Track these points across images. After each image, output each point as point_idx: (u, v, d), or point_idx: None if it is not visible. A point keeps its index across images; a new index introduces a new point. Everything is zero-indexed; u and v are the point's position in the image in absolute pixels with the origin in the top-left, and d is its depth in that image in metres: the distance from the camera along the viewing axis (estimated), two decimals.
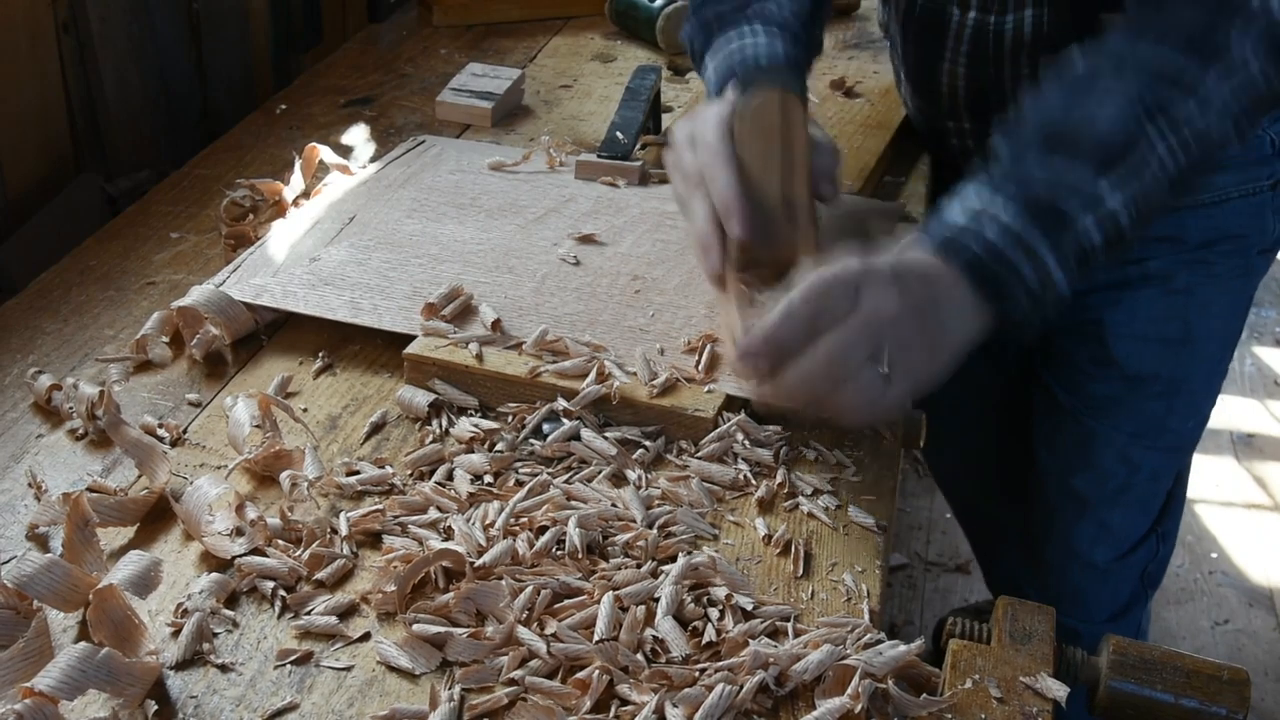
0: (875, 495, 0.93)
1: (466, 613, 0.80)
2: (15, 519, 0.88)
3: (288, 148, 1.39)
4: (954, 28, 1.23)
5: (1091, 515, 1.47)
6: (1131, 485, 1.45)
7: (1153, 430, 1.42)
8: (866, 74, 1.63)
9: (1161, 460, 1.45)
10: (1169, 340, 1.36)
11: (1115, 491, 1.46)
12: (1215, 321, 1.38)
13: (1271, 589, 2.46)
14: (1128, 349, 1.37)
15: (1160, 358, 1.37)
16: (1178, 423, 1.43)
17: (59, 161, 1.38)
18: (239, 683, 0.76)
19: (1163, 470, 1.47)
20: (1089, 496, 1.46)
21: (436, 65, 1.69)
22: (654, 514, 0.88)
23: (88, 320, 1.12)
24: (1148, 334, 1.36)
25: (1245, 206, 1.31)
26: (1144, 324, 1.35)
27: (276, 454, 0.92)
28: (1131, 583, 1.52)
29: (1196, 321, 1.36)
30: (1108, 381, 1.40)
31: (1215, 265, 1.33)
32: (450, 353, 1.01)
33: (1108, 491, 1.46)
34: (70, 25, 1.36)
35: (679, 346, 1.03)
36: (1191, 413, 1.44)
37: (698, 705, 0.72)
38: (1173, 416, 1.42)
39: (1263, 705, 2.18)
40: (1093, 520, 1.47)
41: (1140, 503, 1.48)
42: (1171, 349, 1.37)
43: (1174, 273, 1.33)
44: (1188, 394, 1.42)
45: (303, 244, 1.17)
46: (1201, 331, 1.37)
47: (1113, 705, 0.77)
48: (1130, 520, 1.49)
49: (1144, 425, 1.41)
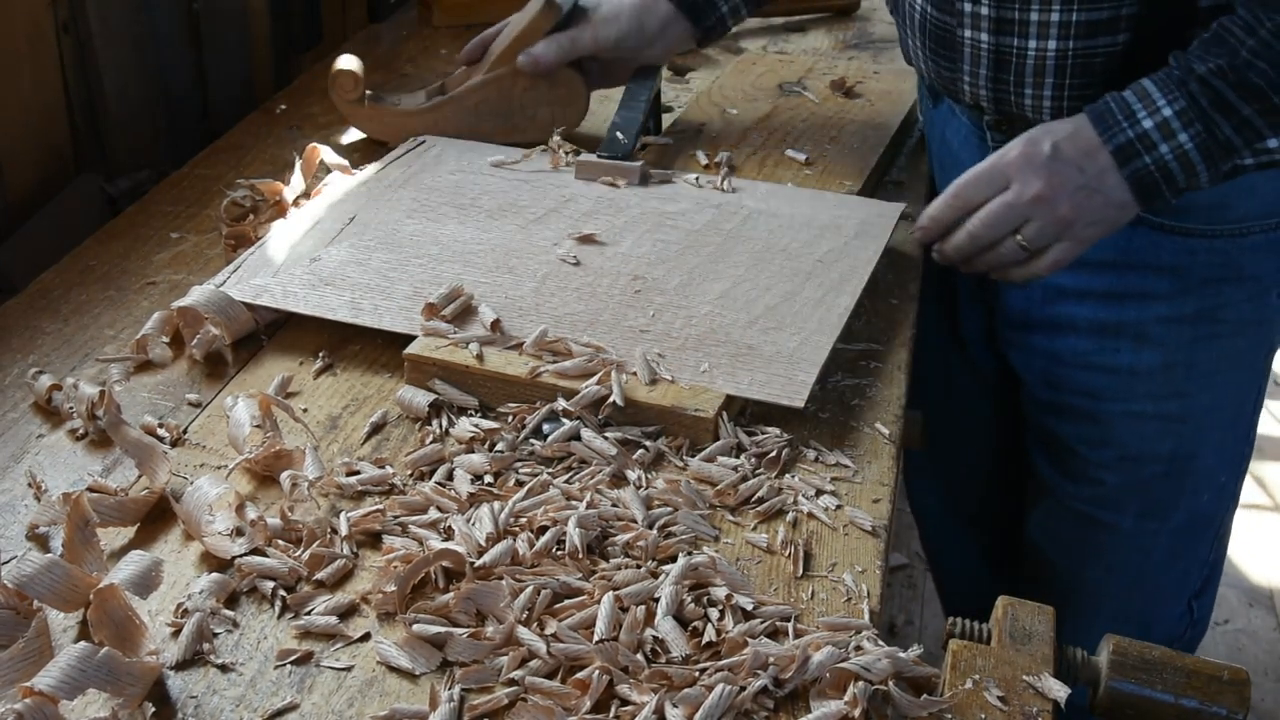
0: (875, 495, 0.93)
1: (466, 613, 0.80)
2: (15, 519, 0.88)
3: (288, 148, 1.39)
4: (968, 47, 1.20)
5: (1103, 597, 1.38)
6: (1147, 572, 1.36)
7: (1159, 513, 1.33)
8: (866, 74, 1.63)
9: (1178, 540, 1.36)
10: (1168, 418, 1.27)
11: (1132, 582, 1.37)
12: (1223, 390, 1.27)
13: (1271, 589, 2.46)
14: (1125, 427, 1.28)
15: (1160, 435, 1.28)
16: (1189, 501, 1.33)
17: (59, 161, 1.38)
18: (239, 683, 0.76)
19: (1182, 549, 1.37)
20: (1100, 589, 1.37)
21: (436, 65, 1.69)
22: (654, 514, 0.88)
23: (88, 320, 1.12)
24: (1145, 411, 1.27)
25: (1265, 243, 1.19)
26: (1142, 401, 1.27)
27: (276, 454, 0.92)
28: None
29: (1198, 394, 1.26)
30: (1102, 462, 1.31)
31: (1223, 314, 1.22)
32: (450, 353, 1.01)
33: (1124, 584, 1.37)
34: (70, 25, 1.36)
35: (679, 346, 1.03)
36: (1206, 487, 1.33)
37: (698, 705, 0.72)
38: (1184, 496, 1.32)
39: (1263, 705, 2.18)
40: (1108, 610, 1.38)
41: (1163, 587, 1.39)
42: (1172, 426, 1.28)
43: (1168, 339, 1.23)
44: (1198, 470, 1.31)
45: (303, 244, 1.17)
46: (1204, 404, 1.27)
47: (1113, 705, 0.77)
48: (1156, 603, 1.40)
49: (1150, 506, 1.32)
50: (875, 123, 1.50)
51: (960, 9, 1.18)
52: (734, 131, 1.48)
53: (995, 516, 1.57)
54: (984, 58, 1.18)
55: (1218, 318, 1.23)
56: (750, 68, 1.67)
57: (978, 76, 1.20)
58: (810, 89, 1.59)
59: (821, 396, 1.02)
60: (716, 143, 1.44)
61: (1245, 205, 1.17)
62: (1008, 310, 1.33)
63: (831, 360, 1.04)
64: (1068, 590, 1.39)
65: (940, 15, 1.21)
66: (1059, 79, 1.14)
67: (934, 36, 1.23)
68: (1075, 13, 1.11)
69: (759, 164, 1.40)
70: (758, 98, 1.57)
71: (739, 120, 1.51)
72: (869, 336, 1.11)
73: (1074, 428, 1.32)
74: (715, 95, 1.58)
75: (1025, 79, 1.17)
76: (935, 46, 1.23)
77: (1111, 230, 1.11)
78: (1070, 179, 1.06)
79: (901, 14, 1.29)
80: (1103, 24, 1.10)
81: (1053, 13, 1.11)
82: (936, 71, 1.26)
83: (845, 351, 1.08)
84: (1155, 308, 1.22)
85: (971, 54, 1.19)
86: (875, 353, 1.09)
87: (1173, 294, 1.21)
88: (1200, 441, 1.30)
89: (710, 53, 1.76)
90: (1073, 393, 1.29)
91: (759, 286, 1.11)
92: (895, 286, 1.20)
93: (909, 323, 1.15)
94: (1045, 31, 1.13)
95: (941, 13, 1.21)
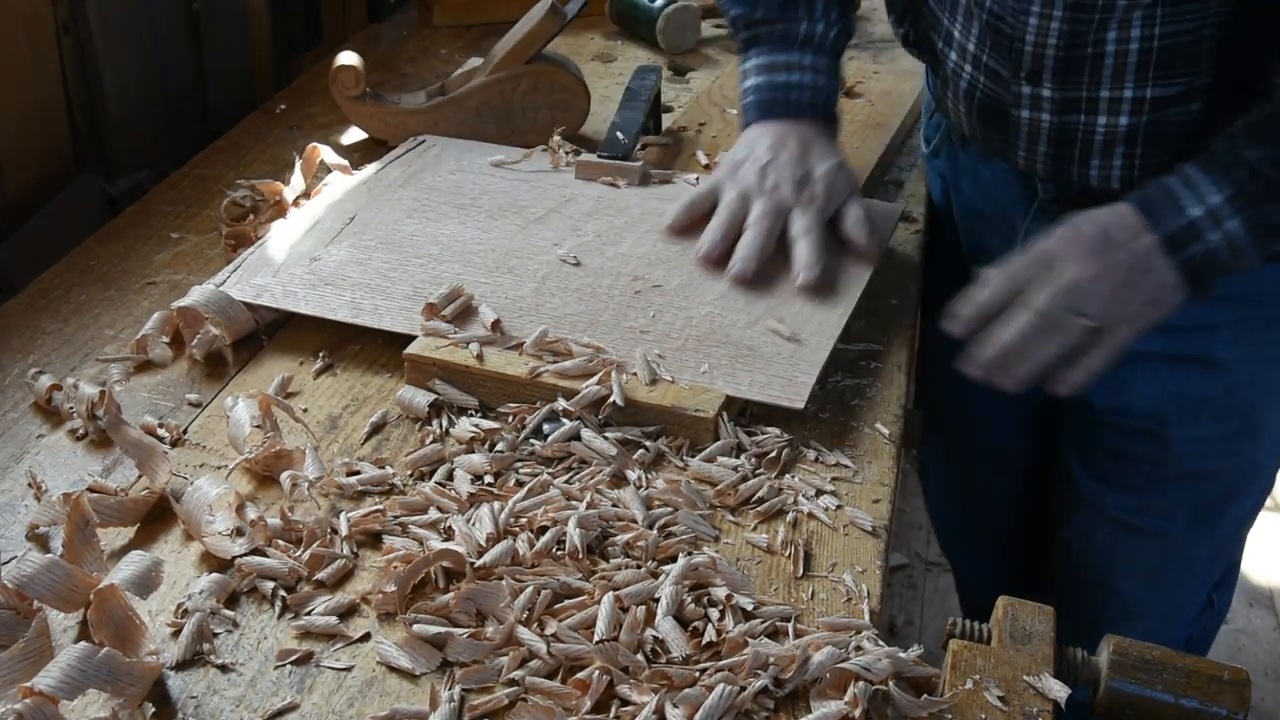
0: (875, 495, 0.93)
1: (466, 613, 0.80)
2: (15, 519, 0.88)
3: (288, 148, 1.39)
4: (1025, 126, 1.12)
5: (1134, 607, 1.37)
6: (1185, 582, 1.37)
7: (1210, 519, 1.32)
8: (866, 74, 1.63)
9: (1219, 546, 1.36)
10: (1233, 437, 1.26)
11: (1174, 586, 1.36)
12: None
13: (1271, 589, 2.46)
14: (1189, 448, 1.26)
15: (1223, 454, 1.27)
16: (1237, 509, 1.33)
17: (59, 161, 1.38)
18: (239, 683, 0.76)
19: (1220, 552, 1.38)
20: (1131, 594, 1.36)
21: (436, 65, 1.69)
22: (654, 514, 0.88)
23: (88, 320, 1.12)
24: (1210, 433, 1.25)
25: None
26: (1208, 424, 1.25)
27: (277, 454, 0.92)
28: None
29: (1263, 412, 1.25)
30: (1164, 481, 1.29)
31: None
32: (450, 353, 1.01)
33: (1164, 589, 1.36)
34: (70, 25, 1.36)
35: (679, 347, 1.03)
36: (1258, 493, 1.35)
37: (698, 705, 0.72)
38: (1232, 505, 1.32)
39: (1263, 705, 2.18)
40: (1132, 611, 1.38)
41: (1193, 588, 1.39)
42: (1234, 445, 1.26)
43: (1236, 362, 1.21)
44: (1256, 480, 1.32)
45: (303, 244, 1.17)
46: (1267, 420, 1.26)
47: (1113, 705, 0.77)
48: (1184, 604, 1.39)
49: (1199, 515, 1.31)
50: (875, 123, 1.50)
51: (1018, 91, 1.11)
52: (734, 131, 1.47)
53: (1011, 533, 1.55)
54: (1044, 134, 1.12)
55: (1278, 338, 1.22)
56: None
57: (1035, 152, 1.14)
58: None
59: (821, 396, 1.02)
60: (716, 143, 1.44)
61: None
62: None
63: (831, 360, 1.04)
64: (1095, 597, 1.38)
65: (994, 88, 1.13)
66: (1129, 149, 1.09)
67: (983, 107, 1.16)
68: (1149, 89, 1.05)
69: None
70: None
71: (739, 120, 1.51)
72: (869, 336, 1.11)
73: (1132, 444, 1.28)
74: (715, 95, 1.58)
75: (1092, 154, 1.11)
76: (986, 115, 1.16)
77: (1167, 313, 1.03)
78: (1122, 259, 1.00)
79: (939, 67, 1.22)
80: (1176, 97, 1.05)
81: (1125, 89, 1.06)
82: (983, 135, 1.20)
83: (845, 351, 1.08)
84: (1223, 334, 1.20)
85: (1030, 131, 1.13)
86: (875, 353, 1.09)
87: (1239, 320, 1.19)
88: (1263, 455, 1.30)
89: (710, 53, 1.76)
90: (1138, 417, 1.26)
91: (759, 287, 1.11)
92: (895, 286, 1.20)
93: (909, 323, 1.15)
94: (1116, 108, 1.07)
95: (996, 86, 1.13)
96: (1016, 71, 1.10)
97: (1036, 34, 1.06)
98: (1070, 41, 1.05)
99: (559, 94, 1.42)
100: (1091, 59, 1.06)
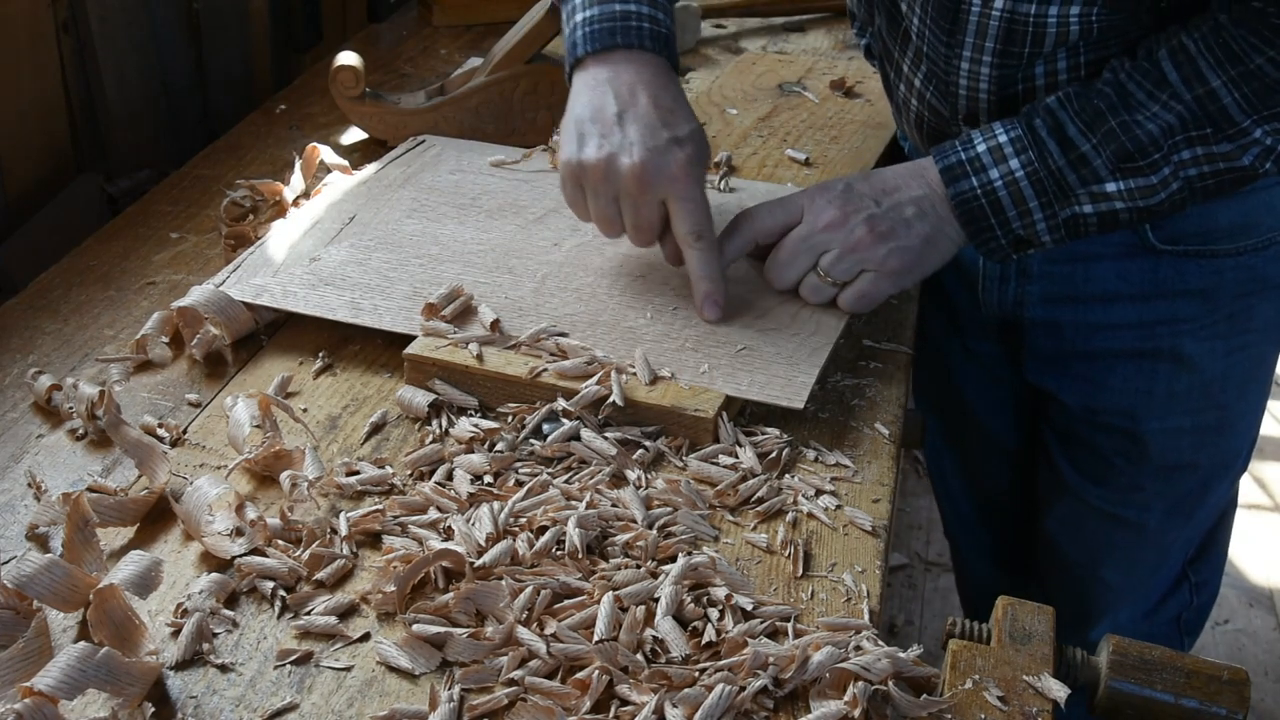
0: (875, 495, 0.93)
1: (466, 613, 0.80)
2: (15, 519, 0.88)
3: (288, 148, 1.40)
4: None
5: (1119, 594, 1.41)
6: (1164, 563, 1.40)
7: (1186, 510, 1.35)
8: (866, 74, 1.63)
9: (1196, 530, 1.39)
10: (1206, 429, 1.28)
11: (1147, 572, 1.40)
12: (1254, 394, 1.30)
13: (1271, 589, 2.46)
14: (1163, 442, 1.28)
15: (1198, 446, 1.29)
16: (1215, 496, 1.37)
17: (59, 161, 1.38)
18: (239, 683, 0.76)
19: (1195, 537, 1.40)
20: (1116, 582, 1.40)
21: (436, 65, 1.69)
22: (654, 514, 0.88)
23: (88, 320, 1.12)
24: (1183, 426, 1.27)
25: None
26: (1180, 417, 1.26)
27: (276, 454, 0.92)
28: (1164, 637, 1.40)
29: (1234, 404, 1.28)
30: (1139, 474, 1.31)
31: (1252, 324, 1.22)
32: (450, 353, 1.01)
33: (1138, 576, 1.40)
34: (70, 25, 1.36)
35: (679, 347, 1.03)
36: (1232, 481, 1.38)
37: (698, 705, 0.72)
38: (1210, 492, 1.35)
39: (1263, 705, 2.18)
40: (1118, 598, 1.41)
41: (1167, 570, 1.42)
42: (1209, 437, 1.29)
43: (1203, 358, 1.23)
44: (1230, 470, 1.36)
45: (303, 244, 1.17)
46: (1239, 411, 1.29)
47: (1113, 705, 0.77)
48: (1155, 585, 1.42)
49: (1178, 505, 1.34)
50: (875, 123, 1.50)
51: (958, 130, 1.13)
52: (734, 131, 1.48)
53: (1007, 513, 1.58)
54: None
55: (1248, 328, 1.23)
56: (750, 68, 1.67)
57: None
58: (810, 89, 1.59)
59: (821, 396, 1.02)
60: (716, 143, 1.44)
61: (1268, 220, 1.16)
62: (1039, 349, 1.30)
63: (831, 360, 1.04)
64: (1083, 583, 1.41)
65: (938, 123, 1.17)
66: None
67: (932, 137, 1.19)
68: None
69: (759, 164, 1.40)
70: (758, 98, 1.57)
71: (739, 120, 1.51)
72: (869, 336, 1.11)
73: (1109, 439, 1.31)
74: (715, 95, 1.58)
75: None
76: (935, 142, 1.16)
77: (927, 265, 1.07)
78: (863, 207, 1.05)
79: (893, 93, 1.25)
80: None
81: None
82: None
83: (845, 352, 1.08)
84: (1188, 329, 1.21)
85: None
86: (875, 353, 1.09)
87: (1203, 314, 1.21)
88: (1236, 446, 1.33)
89: (710, 53, 1.76)
90: (1110, 413, 1.28)
91: (759, 287, 1.11)
92: None
93: (909, 323, 1.15)
94: None
95: (940, 123, 1.17)
96: (954, 114, 1.14)
97: (968, 78, 1.10)
98: (1001, 85, 1.09)
99: (559, 94, 1.42)
100: (1023, 95, 1.09)
